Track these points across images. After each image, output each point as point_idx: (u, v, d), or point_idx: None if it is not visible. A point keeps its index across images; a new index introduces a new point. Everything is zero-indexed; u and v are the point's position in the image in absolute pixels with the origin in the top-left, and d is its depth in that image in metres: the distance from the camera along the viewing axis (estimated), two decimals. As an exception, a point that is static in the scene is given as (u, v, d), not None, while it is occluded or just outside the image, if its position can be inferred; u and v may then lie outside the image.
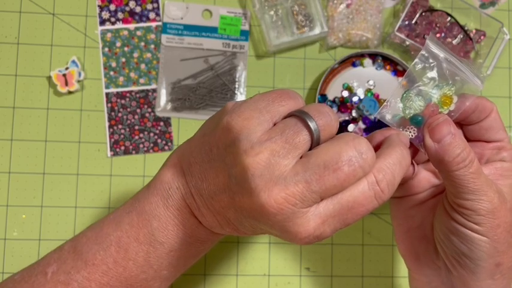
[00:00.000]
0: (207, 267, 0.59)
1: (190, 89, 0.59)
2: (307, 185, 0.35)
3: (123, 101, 0.59)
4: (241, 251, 0.59)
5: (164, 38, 0.59)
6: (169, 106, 0.59)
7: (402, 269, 0.61)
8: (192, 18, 0.60)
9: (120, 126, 0.58)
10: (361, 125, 0.60)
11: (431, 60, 0.41)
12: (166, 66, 0.59)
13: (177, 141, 0.59)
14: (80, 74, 0.58)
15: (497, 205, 0.39)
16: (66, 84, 0.58)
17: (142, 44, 0.59)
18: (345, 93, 0.60)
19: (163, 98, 0.59)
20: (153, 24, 0.59)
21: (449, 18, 0.61)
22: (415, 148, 0.41)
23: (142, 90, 0.59)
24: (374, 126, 0.60)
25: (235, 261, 0.59)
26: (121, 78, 0.59)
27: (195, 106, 0.59)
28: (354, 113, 0.60)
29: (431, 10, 0.61)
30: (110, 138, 0.58)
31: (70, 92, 0.58)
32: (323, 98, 0.60)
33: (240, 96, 0.60)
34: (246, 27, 0.60)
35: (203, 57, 0.60)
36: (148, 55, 0.59)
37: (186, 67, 0.59)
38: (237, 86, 0.60)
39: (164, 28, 0.59)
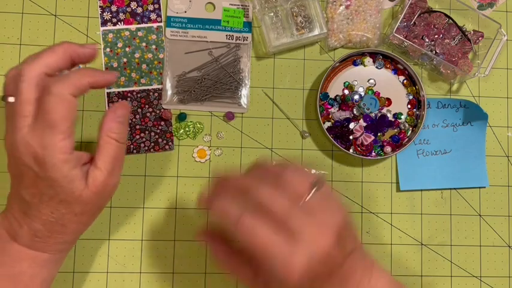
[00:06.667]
0: (208, 266, 0.59)
1: (196, 81, 0.60)
2: None
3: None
4: (241, 250, 0.59)
5: (168, 31, 0.60)
6: (175, 99, 0.59)
7: (400, 267, 0.61)
8: (196, 12, 0.60)
9: (121, 126, 0.59)
10: (362, 122, 0.60)
11: None
12: (171, 60, 0.60)
13: (178, 141, 0.60)
14: None
15: None
16: None
17: (144, 44, 0.60)
18: (346, 92, 0.61)
19: (169, 91, 0.60)
20: (154, 25, 0.60)
21: (447, 19, 0.62)
22: None
23: (144, 90, 0.59)
24: (375, 123, 0.60)
25: (235, 260, 0.59)
26: (122, 79, 0.59)
27: (200, 98, 0.59)
28: (355, 111, 0.60)
29: (430, 11, 0.62)
30: (112, 138, 0.59)
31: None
32: (324, 96, 0.60)
33: (245, 87, 0.60)
34: (249, 19, 0.61)
35: (207, 50, 0.60)
36: (150, 55, 0.60)
37: (190, 60, 0.60)
38: (241, 76, 0.60)
39: (168, 22, 0.60)
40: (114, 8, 0.60)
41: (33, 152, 0.42)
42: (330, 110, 0.61)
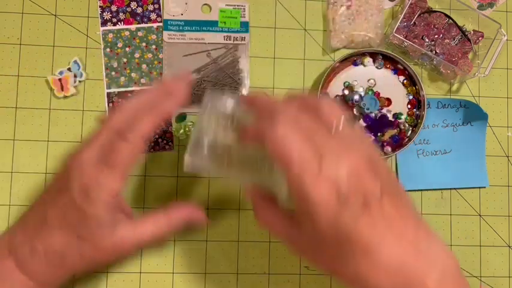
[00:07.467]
0: (207, 266, 0.59)
1: (195, 83, 0.60)
2: None
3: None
4: (241, 250, 0.59)
5: (166, 34, 0.60)
6: (175, 103, 0.60)
7: (401, 268, 0.61)
8: (192, 14, 0.60)
9: (121, 126, 0.59)
10: (362, 122, 0.60)
11: None
12: (170, 63, 0.60)
13: (178, 141, 0.60)
14: (75, 79, 0.58)
15: None
16: (62, 89, 0.58)
17: (144, 44, 0.60)
18: (346, 92, 0.61)
19: (169, 95, 0.60)
20: (154, 24, 0.60)
21: (447, 19, 0.62)
22: None
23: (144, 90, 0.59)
24: (375, 123, 0.60)
25: (235, 260, 0.59)
26: (122, 79, 0.59)
27: (201, 100, 0.59)
28: (355, 111, 0.60)
29: (430, 11, 0.62)
30: (112, 138, 0.59)
31: (66, 97, 0.59)
32: (324, 96, 0.60)
33: (245, 88, 0.60)
34: (246, 19, 0.61)
35: (205, 52, 0.60)
36: (150, 55, 0.60)
37: (189, 62, 0.60)
38: (241, 77, 0.60)
39: (165, 25, 0.60)
40: (114, 8, 0.60)
41: (84, 183, 0.43)
42: (330, 110, 0.61)
